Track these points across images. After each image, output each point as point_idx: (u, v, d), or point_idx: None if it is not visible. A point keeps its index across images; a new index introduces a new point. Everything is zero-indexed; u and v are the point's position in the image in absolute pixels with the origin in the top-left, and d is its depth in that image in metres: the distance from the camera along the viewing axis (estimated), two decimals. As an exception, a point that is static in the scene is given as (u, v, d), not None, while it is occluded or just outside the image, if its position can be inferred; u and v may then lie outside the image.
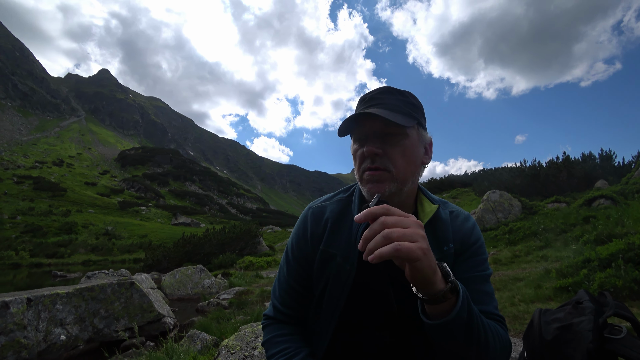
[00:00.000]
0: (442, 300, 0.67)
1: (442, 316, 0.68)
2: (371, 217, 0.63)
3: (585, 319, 0.87)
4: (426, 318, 0.71)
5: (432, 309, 0.69)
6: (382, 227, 0.60)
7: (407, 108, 0.87)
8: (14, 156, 77.10)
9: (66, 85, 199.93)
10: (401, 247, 0.58)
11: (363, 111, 0.83)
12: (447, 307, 0.68)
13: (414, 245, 0.59)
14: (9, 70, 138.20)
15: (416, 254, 0.59)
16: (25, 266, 22.41)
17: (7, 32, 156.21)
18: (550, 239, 7.83)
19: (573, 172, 15.90)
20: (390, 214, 0.63)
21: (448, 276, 0.68)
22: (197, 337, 3.90)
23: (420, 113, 0.91)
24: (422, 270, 0.62)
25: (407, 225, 0.62)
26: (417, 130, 0.89)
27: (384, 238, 0.59)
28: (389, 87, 0.91)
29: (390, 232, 0.59)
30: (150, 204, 62.85)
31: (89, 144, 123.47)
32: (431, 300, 0.67)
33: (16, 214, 37.35)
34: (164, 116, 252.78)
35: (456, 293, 0.68)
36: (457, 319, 0.67)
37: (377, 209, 0.63)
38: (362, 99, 0.92)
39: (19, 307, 4.09)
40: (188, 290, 9.07)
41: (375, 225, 0.61)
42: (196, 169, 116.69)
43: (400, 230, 0.60)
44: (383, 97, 0.88)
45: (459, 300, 0.68)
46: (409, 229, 0.61)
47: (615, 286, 3.68)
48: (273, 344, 0.94)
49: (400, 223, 0.61)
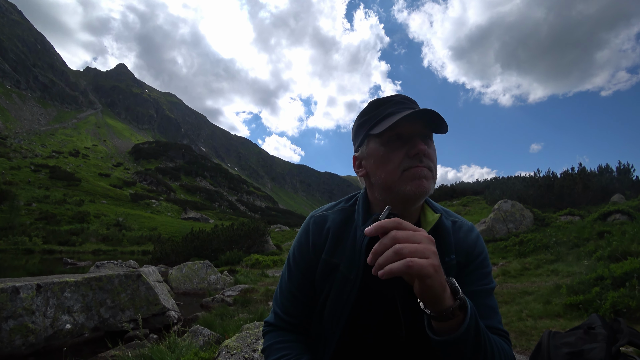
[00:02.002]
0: (450, 317, 0.65)
1: (449, 332, 0.67)
2: (381, 231, 0.61)
3: (598, 346, 0.82)
4: (433, 334, 0.69)
5: (439, 325, 0.67)
6: (393, 242, 0.59)
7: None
8: (32, 145, 79.26)
9: (85, 79, 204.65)
10: (413, 264, 0.56)
11: (424, 109, 0.81)
12: (455, 323, 0.66)
13: (425, 262, 0.58)
14: (31, 62, 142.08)
15: (427, 271, 0.58)
16: (38, 252, 22.92)
17: (29, 25, 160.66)
18: (562, 252, 7.65)
19: (589, 185, 15.50)
20: (402, 228, 0.61)
21: (457, 293, 0.66)
22: (200, 333, 3.92)
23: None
24: (432, 287, 0.60)
25: (419, 240, 0.60)
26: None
27: (395, 254, 0.57)
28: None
29: (401, 248, 0.58)
30: (161, 197, 63.76)
31: (104, 136, 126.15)
32: (439, 317, 0.65)
33: (32, 201, 38.33)
34: (178, 112, 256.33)
35: (464, 309, 0.67)
36: (464, 336, 0.66)
37: (388, 223, 0.61)
38: (390, 101, 0.89)
39: (28, 292, 4.18)
40: (194, 285, 9.15)
41: (385, 239, 0.60)
42: (208, 165, 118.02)
43: (412, 245, 0.58)
44: (413, 104, 0.89)
45: (467, 316, 0.66)
46: (421, 245, 0.59)
47: (629, 307, 3.55)
48: (273, 350, 0.93)
49: (412, 238, 0.60)
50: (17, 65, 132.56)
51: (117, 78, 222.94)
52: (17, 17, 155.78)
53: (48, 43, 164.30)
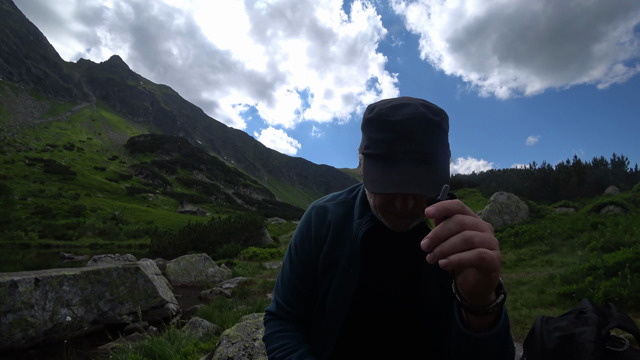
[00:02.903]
0: (489, 312, 0.60)
1: (484, 329, 0.63)
2: (445, 213, 0.51)
3: (588, 329, 0.86)
4: (468, 330, 0.64)
5: (475, 320, 0.62)
6: (461, 228, 0.50)
7: (445, 149, 0.75)
8: (26, 139, 78.43)
9: (79, 71, 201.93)
10: (486, 256, 0.49)
11: (402, 192, 0.68)
12: (491, 319, 0.62)
13: (494, 254, 0.50)
14: (23, 54, 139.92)
15: (497, 264, 0.51)
16: (34, 247, 22.89)
17: (22, 16, 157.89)
18: (556, 243, 7.75)
19: (583, 177, 15.64)
20: (467, 212, 0.52)
21: (501, 287, 0.61)
22: (199, 325, 3.96)
23: (447, 135, 0.79)
24: (493, 282, 0.53)
25: (484, 228, 0.52)
26: (446, 157, 0.77)
27: (465, 242, 0.49)
28: (423, 112, 0.72)
29: (472, 236, 0.50)
30: (158, 190, 63.57)
31: (99, 129, 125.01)
32: (477, 311, 0.60)
33: (27, 196, 38.10)
34: (174, 104, 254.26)
35: (501, 305, 0.62)
36: (500, 332, 0.63)
37: (452, 205, 0.51)
38: (392, 129, 0.72)
39: (27, 286, 4.19)
40: (192, 277, 9.19)
41: (450, 224, 0.51)
42: (204, 158, 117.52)
43: (481, 234, 0.50)
44: (421, 138, 0.72)
45: (502, 312, 0.64)
46: (487, 234, 0.51)
47: (621, 295, 3.63)
48: (273, 339, 0.94)
49: (478, 225, 0.52)
50: (9, 57, 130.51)
51: (111, 70, 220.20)
52: (9, 7, 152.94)
53: (41, 34, 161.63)
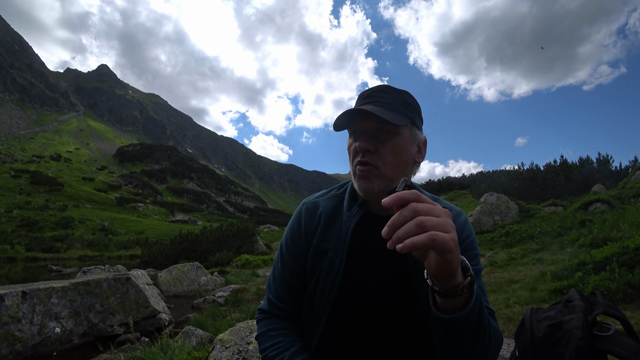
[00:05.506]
0: (458, 294, 0.64)
1: (456, 310, 0.67)
2: (400, 203, 0.57)
3: (575, 316, 0.88)
4: (439, 312, 0.69)
5: (446, 302, 0.67)
6: (414, 214, 0.55)
7: (402, 107, 0.88)
8: (11, 150, 76.75)
9: (65, 80, 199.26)
10: (437, 237, 0.53)
11: (358, 108, 0.85)
12: (461, 301, 0.66)
13: (447, 236, 0.55)
14: (8, 64, 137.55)
15: (450, 245, 0.55)
16: (21, 260, 22.31)
17: (6, 25, 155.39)
18: (546, 242, 7.87)
19: (570, 176, 15.97)
20: (421, 200, 0.57)
21: (467, 270, 0.65)
22: (192, 334, 3.90)
23: (416, 112, 0.92)
24: (451, 262, 0.58)
25: (439, 214, 0.57)
26: (410, 130, 0.90)
27: (418, 226, 0.54)
28: (387, 85, 0.93)
29: (424, 220, 0.54)
30: (148, 200, 62.70)
31: (87, 139, 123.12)
32: (447, 294, 0.64)
33: (12, 208, 37.17)
34: (163, 113, 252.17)
35: (471, 288, 0.66)
36: (471, 314, 0.66)
37: (407, 194, 0.57)
38: (360, 96, 0.93)
39: (13, 300, 4.08)
40: (184, 287, 9.06)
41: (405, 211, 0.56)
42: (194, 166, 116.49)
43: (433, 219, 0.55)
44: (380, 95, 0.89)
45: (473, 293, 0.66)
46: (442, 219, 0.56)
47: (609, 289, 3.71)
48: (266, 337, 0.95)
49: (432, 211, 0.56)
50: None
51: (99, 79, 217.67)
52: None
53: (26, 43, 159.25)
